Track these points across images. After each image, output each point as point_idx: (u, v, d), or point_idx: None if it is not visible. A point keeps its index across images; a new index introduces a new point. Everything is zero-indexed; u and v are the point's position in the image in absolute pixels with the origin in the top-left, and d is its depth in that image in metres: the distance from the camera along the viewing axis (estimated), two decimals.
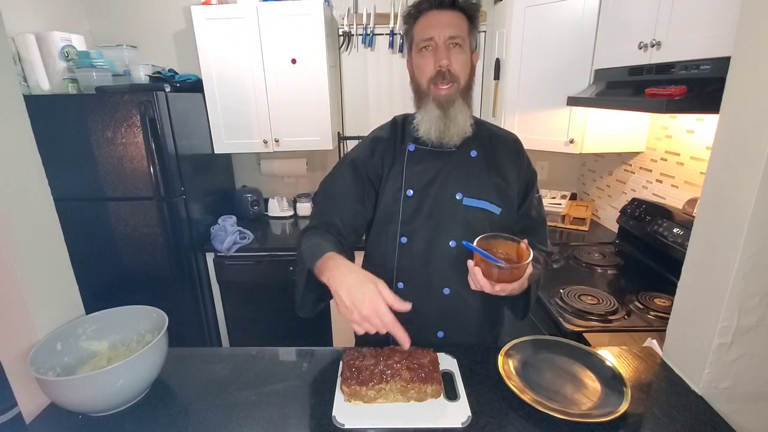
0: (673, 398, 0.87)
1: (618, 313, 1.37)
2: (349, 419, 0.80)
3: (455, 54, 0.95)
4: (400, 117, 1.11)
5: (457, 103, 0.97)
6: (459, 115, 0.97)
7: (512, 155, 1.07)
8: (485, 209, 1.02)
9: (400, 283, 1.06)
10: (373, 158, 1.05)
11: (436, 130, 0.98)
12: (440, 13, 0.95)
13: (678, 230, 1.57)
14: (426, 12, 0.96)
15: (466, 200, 1.01)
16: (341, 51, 2.44)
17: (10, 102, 0.89)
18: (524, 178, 1.07)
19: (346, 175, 1.05)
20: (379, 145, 1.06)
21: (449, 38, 0.94)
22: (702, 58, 1.18)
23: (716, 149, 0.86)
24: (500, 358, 0.93)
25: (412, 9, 0.99)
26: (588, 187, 2.50)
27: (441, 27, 0.94)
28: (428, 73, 0.96)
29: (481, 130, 1.06)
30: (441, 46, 0.94)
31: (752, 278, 0.81)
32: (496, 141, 1.07)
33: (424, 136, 1.00)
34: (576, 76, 1.84)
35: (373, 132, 1.11)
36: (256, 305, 2.28)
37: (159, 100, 1.83)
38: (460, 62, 0.96)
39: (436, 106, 0.97)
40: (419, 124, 1.00)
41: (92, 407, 0.83)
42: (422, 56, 0.97)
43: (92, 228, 1.98)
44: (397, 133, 1.08)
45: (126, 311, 0.99)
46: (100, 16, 2.37)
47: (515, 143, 1.09)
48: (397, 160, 1.04)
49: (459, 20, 0.95)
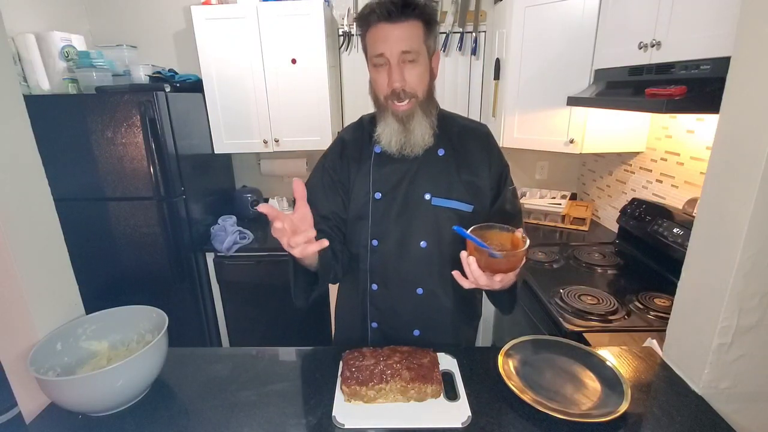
0: (673, 398, 0.87)
1: (618, 313, 1.37)
2: (349, 419, 0.80)
3: (409, 70, 0.91)
4: (367, 116, 1.09)
5: (416, 116, 0.95)
6: (417, 128, 0.96)
7: (482, 148, 1.04)
8: (455, 209, 1.01)
9: (374, 284, 1.06)
10: (341, 162, 1.05)
11: (396, 142, 0.97)
12: (390, 27, 0.88)
13: (678, 230, 1.57)
14: (375, 24, 0.90)
15: (435, 200, 1.01)
16: (341, 51, 2.44)
17: (10, 102, 0.89)
18: (496, 171, 1.04)
19: (319, 181, 1.06)
20: (346, 149, 1.06)
21: (402, 53, 0.88)
22: (702, 58, 1.18)
23: (716, 149, 0.86)
24: (500, 358, 0.93)
25: (360, 19, 0.92)
26: (588, 187, 2.50)
27: (392, 42, 0.88)
28: (383, 90, 0.93)
29: (449, 127, 1.04)
30: (393, 65, 0.89)
31: (752, 278, 0.81)
32: (465, 136, 1.05)
33: (386, 148, 0.99)
34: (576, 76, 1.84)
35: (341, 134, 1.10)
36: (256, 305, 2.28)
37: (159, 100, 1.83)
38: (415, 77, 0.92)
39: (395, 120, 0.95)
40: (380, 136, 0.98)
41: (92, 407, 0.83)
42: (376, 71, 0.93)
43: (92, 228, 1.99)
44: (363, 133, 1.06)
45: (126, 311, 0.99)
46: (100, 16, 2.37)
47: (486, 136, 1.06)
48: (364, 162, 1.04)
49: (412, 30, 0.89)
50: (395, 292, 1.05)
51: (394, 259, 1.03)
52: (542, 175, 2.61)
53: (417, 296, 1.05)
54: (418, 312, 1.06)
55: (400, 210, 1.01)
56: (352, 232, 1.05)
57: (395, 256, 1.03)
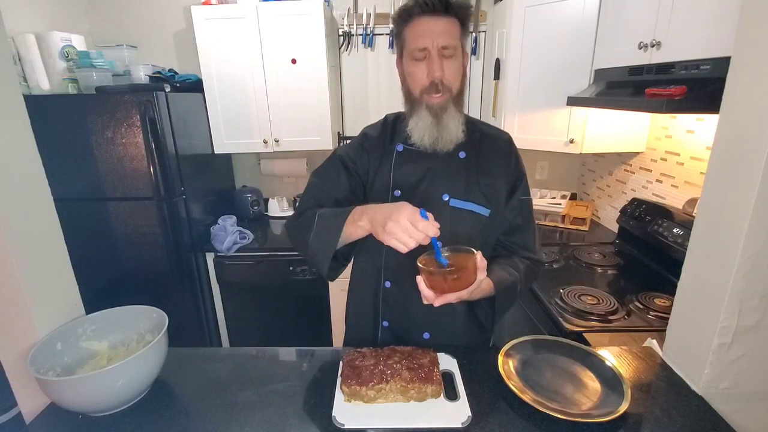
0: (673, 398, 0.87)
1: (618, 313, 1.37)
2: (349, 419, 0.80)
3: (448, 64, 0.93)
4: (391, 116, 1.11)
5: (450, 110, 0.96)
6: (451, 123, 0.97)
7: (503, 155, 1.06)
8: (472, 210, 1.02)
9: (387, 282, 1.07)
10: (361, 155, 1.06)
11: (429, 137, 0.98)
12: (433, 21, 0.91)
13: (678, 230, 1.57)
14: (418, 17, 0.93)
15: (453, 201, 1.01)
16: (341, 51, 2.44)
17: (10, 102, 0.89)
18: (510, 179, 1.05)
19: (335, 168, 1.07)
20: (367, 143, 1.07)
21: (442, 48, 0.91)
22: (702, 58, 1.18)
23: (716, 149, 0.86)
24: (500, 358, 0.93)
25: (403, 12, 0.95)
26: (588, 187, 2.50)
27: (434, 36, 0.91)
28: (421, 82, 0.95)
29: (472, 131, 1.05)
30: (434, 57, 0.92)
31: (752, 278, 0.81)
32: (487, 141, 1.06)
33: (418, 143, 0.99)
34: (576, 76, 1.84)
35: (364, 129, 1.12)
36: (256, 305, 2.28)
37: (159, 100, 1.83)
38: (452, 71, 0.94)
39: (429, 114, 0.96)
40: (412, 131, 0.99)
41: (92, 407, 0.83)
42: (415, 65, 0.95)
43: (92, 228, 1.98)
44: (386, 132, 1.08)
45: (126, 311, 0.99)
46: (100, 16, 2.37)
47: (507, 143, 1.08)
48: (385, 160, 1.05)
49: (452, 27, 0.92)
50: (408, 291, 1.04)
51: (409, 258, 1.03)
52: (542, 175, 2.62)
53: None
54: (429, 314, 1.04)
55: None
56: None
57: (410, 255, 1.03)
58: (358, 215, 0.89)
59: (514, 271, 1.02)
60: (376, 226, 0.84)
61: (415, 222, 0.79)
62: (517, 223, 1.07)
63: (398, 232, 0.79)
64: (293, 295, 2.23)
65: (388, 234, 0.80)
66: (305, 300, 2.25)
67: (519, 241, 1.08)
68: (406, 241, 0.80)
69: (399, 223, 0.79)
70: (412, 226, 0.79)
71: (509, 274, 1.01)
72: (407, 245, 0.80)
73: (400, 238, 0.80)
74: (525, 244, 1.09)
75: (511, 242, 1.09)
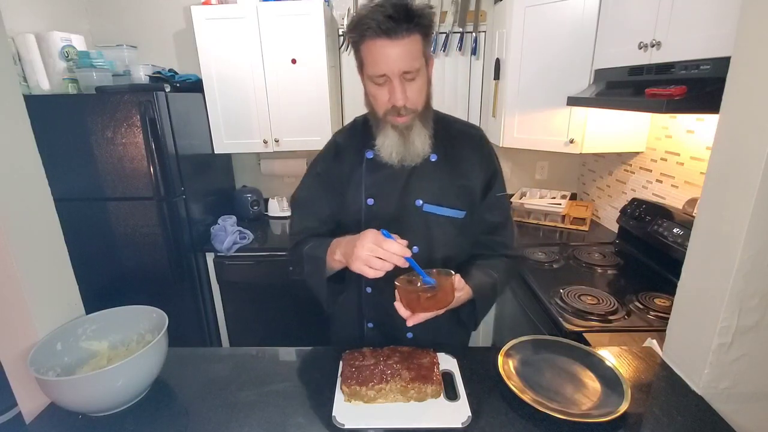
0: (673, 398, 0.87)
1: (618, 313, 1.37)
2: (349, 419, 0.80)
3: (411, 86, 0.88)
4: (360, 119, 1.08)
5: (416, 128, 0.95)
6: (417, 140, 0.95)
7: (476, 153, 1.04)
8: (447, 216, 1.01)
9: (368, 287, 1.07)
10: (334, 165, 1.05)
11: (397, 154, 0.96)
12: (390, 44, 0.82)
13: (678, 230, 1.57)
14: (372, 39, 0.83)
15: (426, 207, 1.01)
16: (341, 51, 2.43)
17: (10, 102, 0.89)
18: (485, 176, 1.04)
19: (314, 186, 1.08)
20: (339, 151, 1.06)
21: (404, 73, 0.86)
22: (702, 58, 1.18)
23: (716, 149, 0.86)
24: (500, 358, 0.93)
25: (356, 27, 0.84)
26: (588, 187, 2.50)
27: (393, 62, 0.84)
28: (384, 106, 0.91)
29: (443, 130, 1.02)
30: (396, 85, 0.86)
31: (752, 278, 0.81)
32: (460, 139, 1.04)
33: (387, 159, 0.98)
34: (576, 76, 1.84)
35: (334, 136, 1.10)
36: (256, 305, 2.28)
37: (159, 100, 1.83)
38: (416, 93, 0.90)
39: (396, 132, 0.95)
40: (380, 148, 0.97)
41: (92, 407, 0.83)
42: (376, 88, 0.90)
43: (92, 228, 1.98)
44: (357, 136, 1.05)
45: (126, 311, 0.99)
46: (100, 16, 2.37)
47: (479, 139, 1.05)
48: (356, 167, 1.03)
49: (413, 46, 0.84)
50: (388, 295, 1.03)
51: None
52: (542, 175, 2.62)
53: None
54: None
55: (393, 216, 1.01)
56: None
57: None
58: (333, 250, 0.92)
59: (494, 273, 1.02)
60: (348, 257, 0.85)
61: (379, 243, 0.80)
62: (495, 220, 1.07)
63: (365, 257, 0.80)
64: (293, 295, 2.23)
65: (357, 260, 0.81)
66: (305, 300, 2.24)
67: (498, 239, 1.08)
68: (375, 264, 0.80)
69: (364, 247, 0.80)
70: (377, 247, 0.80)
71: (488, 276, 1.00)
72: (382, 268, 0.80)
73: (370, 263, 0.80)
74: (504, 241, 1.08)
75: (491, 241, 1.09)
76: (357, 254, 0.81)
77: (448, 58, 2.41)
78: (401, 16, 0.81)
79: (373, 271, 0.81)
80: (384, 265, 0.80)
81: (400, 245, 0.80)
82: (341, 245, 0.90)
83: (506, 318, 2.05)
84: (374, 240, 0.81)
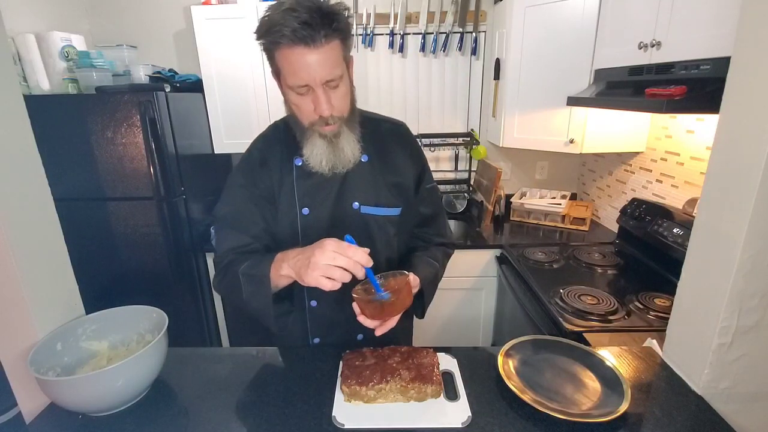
0: (673, 398, 0.87)
1: (618, 313, 1.37)
2: (349, 419, 0.80)
3: (335, 94, 0.85)
4: (281, 124, 1.03)
5: (344, 134, 0.91)
6: (347, 146, 0.92)
7: (404, 148, 1.04)
8: (384, 215, 1.01)
9: (312, 301, 1.05)
10: (261, 174, 0.99)
11: (327, 162, 0.92)
12: (308, 52, 0.78)
13: (678, 230, 1.57)
14: (289, 47, 0.78)
15: (363, 208, 1.00)
16: None
17: (10, 102, 0.89)
18: (415, 171, 1.03)
19: (240, 200, 1.00)
20: (265, 161, 1.00)
21: (327, 82, 0.82)
22: (702, 58, 1.18)
23: (716, 149, 0.86)
24: (500, 358, 0.93)
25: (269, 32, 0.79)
26: (588, 187, 2.50)
27: (313, 70, 0.80)
28: (309, 116, 0.87)
29: (371, 129, 1.00)
30: (319, 94, 0.83)
31: (752, 278, 0.81)
32: (387, 135, 1.04)
33: (317, 168, 0.93)
34: (576, 76, 1.84)
35: (254, 145, 1.04)
36: None
37: (159, 100, 1.83)
38: (340, 99, 0.87)
39: (324, 141, 0.91)
40: (308, 158, 0.93)
41: (92, 407, 0.83)
42: (298, 98, 0.86)
43: (92, 228, 1.98)
44: (281, 143, 1.00)
45: (126, 311, 0.99)
46: (100, 16, 2.37)
47: (405, 134, 1.06)
48: (286, 175, 0.98)
49: (332, 52, 0.81)
50: (333, 302, 1.03)
51: None
52: (542, 175, 2.62)
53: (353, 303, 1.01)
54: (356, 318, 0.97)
55: (331, 222, 0.99)
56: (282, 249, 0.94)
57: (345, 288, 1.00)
58: (278, 265, 0.86)
59: (434, 261, 1.04)
60: (300, 269, 0.80)
61: (342, 251, 0.76)
62: (428, 212, 1.09)
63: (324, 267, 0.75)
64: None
65: (314, 270, 0.76)
66: None
67: (432, 230, 1.11)
68: (335, 274, 0.75)
69: (325, 256, 0.75)
70: (339, 255, 0.75)
71: (431, 265, 1.03)
72: (341, 278, 0.76)
73: (329, 273, 0.75)
74: (438, 231, 1.11)
75: (425, 233, 1.11)
76: (315, 263, 0.76)
77: (448, 58, 2.40)
78: (317, 22, 0.77)
79: (331, 282, 0.76)
80: (344, 275, 0.76)
81: (364, 252, 0.77)
82: (288, 258, 0.84)
83: (506, 318, 2.05)
84: (336, 248, 0.76)
